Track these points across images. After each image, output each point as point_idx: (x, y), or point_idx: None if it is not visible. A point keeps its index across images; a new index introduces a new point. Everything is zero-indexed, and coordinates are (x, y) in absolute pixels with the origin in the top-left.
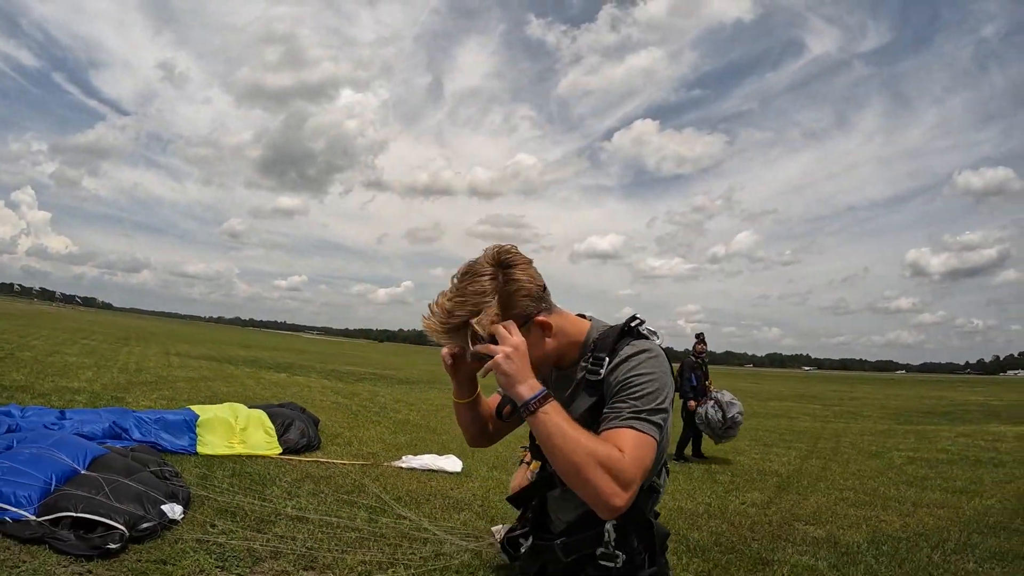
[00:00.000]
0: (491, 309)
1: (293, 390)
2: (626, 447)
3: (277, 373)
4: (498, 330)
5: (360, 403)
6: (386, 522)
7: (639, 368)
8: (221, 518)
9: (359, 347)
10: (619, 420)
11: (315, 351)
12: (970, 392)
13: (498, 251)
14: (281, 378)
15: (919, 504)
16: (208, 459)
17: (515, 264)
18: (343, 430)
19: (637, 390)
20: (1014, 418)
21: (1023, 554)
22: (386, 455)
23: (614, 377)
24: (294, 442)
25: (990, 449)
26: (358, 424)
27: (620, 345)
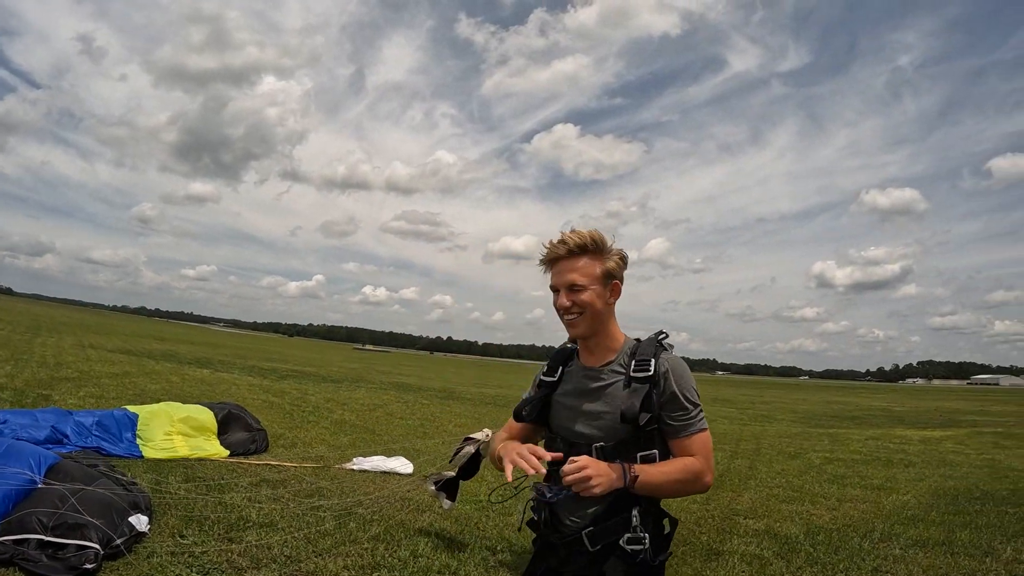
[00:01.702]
0: (609, 250)
1: (222, 388)
2: (700, 449)
3: (200, 369)
4: (571, 473)
5: (291, 402)
6: (355, 526)
7: (686, 377)
8: (188, 527)
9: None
10: (691, 429)
11: (229, 345)
12: (872, 398)
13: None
14: (206, 375)
15: (843, 499)
16: (155, 463)
17: (614, 246)
18: (283, 431)
19: (690, 396)
20: (916, 423)
21: (941, 541)
22: (335, 457)
23: (667, 384)
24: (242, 444)
25: (899, 451)
26: (296, 425)
27: (659, 353)
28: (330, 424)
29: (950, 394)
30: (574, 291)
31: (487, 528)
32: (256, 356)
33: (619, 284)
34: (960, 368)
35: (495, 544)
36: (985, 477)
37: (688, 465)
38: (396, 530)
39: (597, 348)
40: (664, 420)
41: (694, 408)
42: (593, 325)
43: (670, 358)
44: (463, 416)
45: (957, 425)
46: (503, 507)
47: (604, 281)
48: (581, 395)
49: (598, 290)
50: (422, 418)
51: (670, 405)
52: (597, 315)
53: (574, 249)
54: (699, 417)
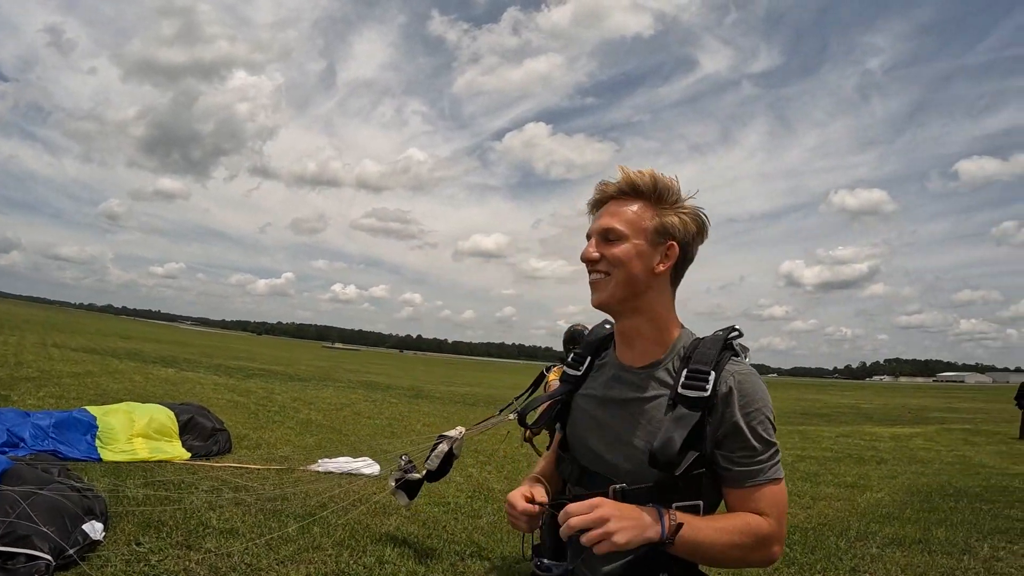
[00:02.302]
0: (674, 201)
1: (185, 387)
2: (771, 507)
3: (164, 368)
4: (580, 521)
5: (257, 402)
6: (319, 531)
7: (759, 402)
8: (145, 534)
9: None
10: (759, 478)
11: (197, 344)
12: (841, 396)
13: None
14: (170, 374)
15: (817, 498)
16: (114, 466)
17: (690, 202)
18: (247, 431)
19: (762, 431)
20: (886, 420)
21: (918, 539)
22: (300, 458)
23: (729, 411)
24: (204, 446)
25: (870, 448)
26: (260, 425)
27: (724, 361)
28: (296, 424)
29: (917, 391)
30: (607, 241)
31: (455, 532)
32: (223, 355)
33: (677, 247)
34: (926, 366)
35: (464, 549)
36: (957, 474)
37: (752, 526)
38: (361, 535)
39: (637, 338)
40: (721, 461)
41: (767, 449)
42: (623, 294)
43: (740, 371)
44: (432, 415)
45: (926, 422)
46: (471, 509)
47: (654, 237)
48: (609, 405)
49: (641, 247)
50: (390, 417)
51: (731, 441)
52: (632, 281)
53: (625, 188)
54: (773, 461)
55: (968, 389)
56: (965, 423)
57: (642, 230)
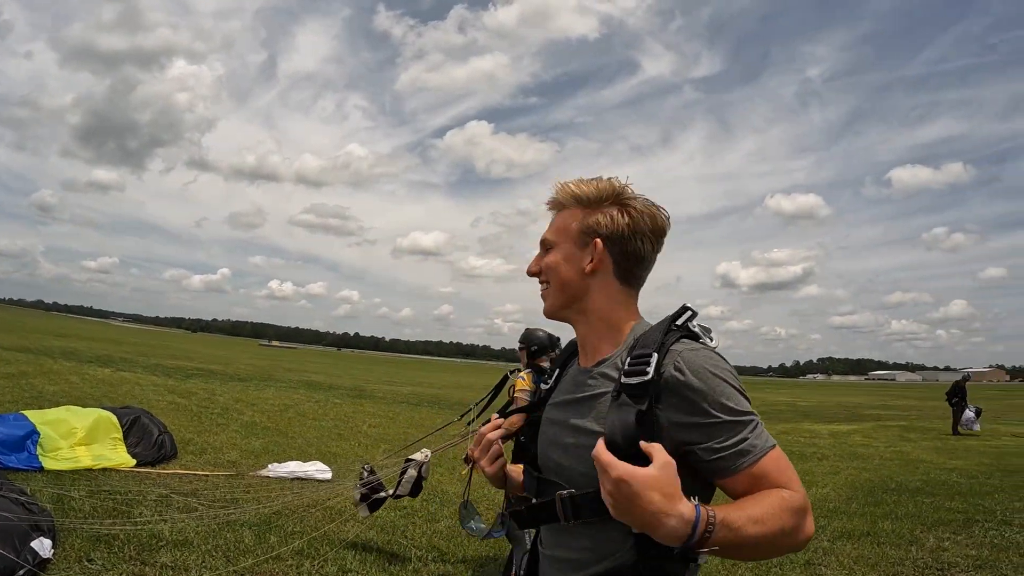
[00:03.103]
0: (605, 202)
1: (124, 388)
2: (783, 474)
3: (101, 368)
4: (603, 457)
5: (199, 403)
6: (276, 540)
7: (716, 370)
8: (96, 549)
9: (175, 338)
10: (753, 453)
11: (132, 342)
12: (777, 393)
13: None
14: (107, 374)
15: None
16: (57, 476)
17: (631, 199)
18: (192, 435)
19: (731, 402)
20: (822, 418)
21: (866, 532)
22: (248, 463)
23: (684, 394)
24: (149, 452)
25: (811, 445)
26: (204, 428)
27: (669, 341)
28: (240, 427)
29: (850, 389)
30: (545, 251)
31: (415, 536)
32: (160, 353)
33: (601, 244)
34: (859, 364)
35: (425, 553)
36: (897, 469)
37: (787, 500)
38: (320, 543)
39: (590, 340)
40: (700, 454)
41: (746, 419)
42: (562, 300)
43: (687, 351)
44: (377, 416)
45: (862, 419)
46: (429, 513)
47: (580, 239)
48: (561, 408)
49: (568, 250)
50: (335, 419)
51: (700, 426)
52: (565, 286)
53: (561, 200)
54: (759, 430)
55: (899, 387)
56: (900, 420)
57: (567, 234)
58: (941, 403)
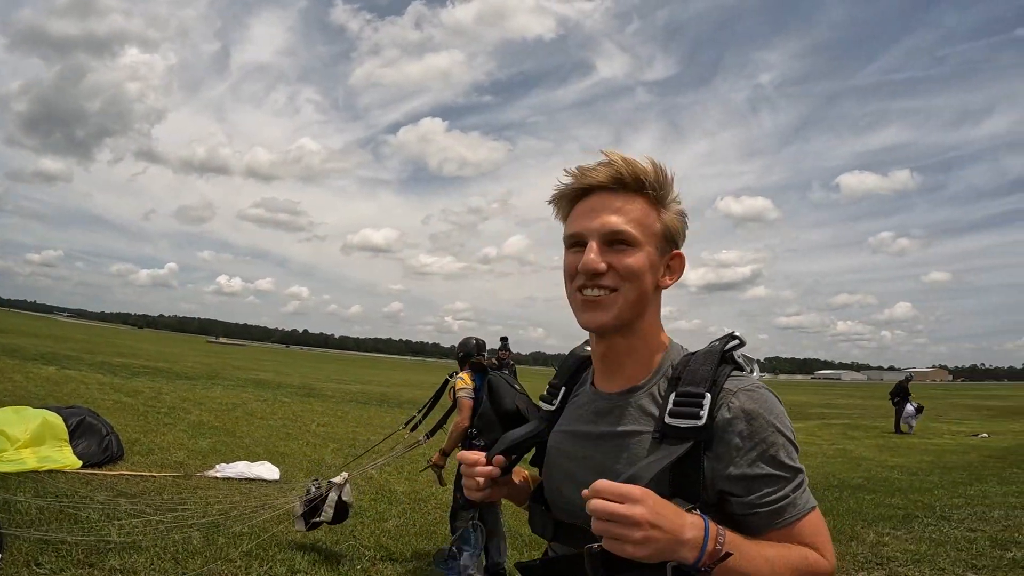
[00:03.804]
0: (674, 198)
1: (69, 387)
2: (818, 539)
3: (45, 366)
4: (605, 509)
5: (145, 403)
6: (224, 542)
7: (775, 419)
8: (44, 554)
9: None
10: (794, 510)
11: (77, 338)
12: None
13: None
14: (51, 372)
15: None
16: (2, 479)
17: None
18: (138, 435)
19: (785, 452)
20: None
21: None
22: (196, 464)
23: (739, 444)
24: (95, 453)
25: None
26: (151, 428)
27: (722, 378)
28: (188, 426)
29: (797, 388)
30: (615, 247)
31: (363, 536)
32: (105, 350)
33: (682, 259)
34: (805, 364)
35: (374, 553)
36: (839, 466)
37: (811, 561)
38: (268, 543)
39: (624, 362)
40: (737, 507)
41: (794, 476)
42: (631, 315)
43: (746, 390)
44: (326, 415)
45: (807, 418)
46: (376, 512)
47: (663, 245)
48: (582, 441)
49: (653, 256)
50: (284, 418)
51: (749, 479)
52: (642, 298)
53: (626, 178)
54: (803, 488)
55: (845, 386)
56: (844, 419)
57: (653, 234)
58: (884, 402)
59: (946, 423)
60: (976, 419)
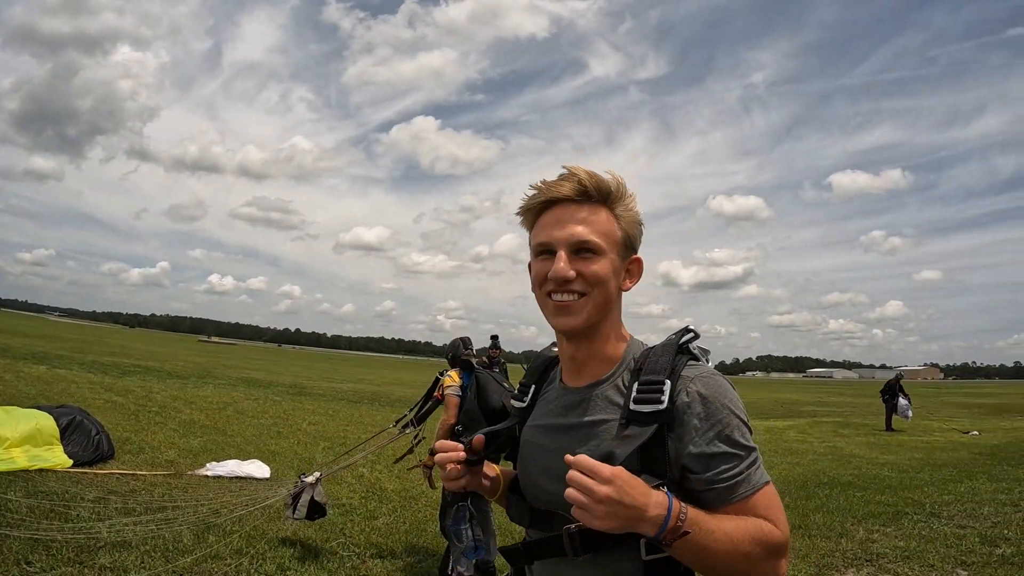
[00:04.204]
0: (631, 207)
1: (60, 386)
2: (771, 511)
3: (36, 365)
4: (579, 481)
5: (137, 402)
6: (213, 539)
7: (728, 401)
8: (35, 552)
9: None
10: (748, 485)
11: (67, 338)
12: None
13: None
14: (42, 372)
15: None
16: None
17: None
18: (129, 434)
19: (738, 436)
20: (759, 414)
21: (798, 525)
22: (187, 463)
23: (697, 424)
24: (86, 452)
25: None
26: (142, 427)
27: (680, 366)
28: (179, 425)
29: (788, 386)
30: (582, 255)
31: (353, 534)
32: (96, 350)
33: (640, 264)
34: (796, 362)
35: (363, 551)
36: (830, 463)
37: (765, 532)
38: (259, 541)
39: (589, 358)
40: (697, 484)
41: (748, 454)
42: (597, 317)
43: (702, 376)
44: (317, 413)
45: (798, 415)
46: (367, 510)
47: (624, 252)
48: (553, 433)
49: (616, 263)
50: (274, 416)
51: (707, 457)
52: (607, 302)
53: (590, 190)
54: (756, 465)
55: (836, 384)
56: (835, 416)
57: (615, 242)
58: (876, 400)
59: (937, 421)
60: (967, 416)
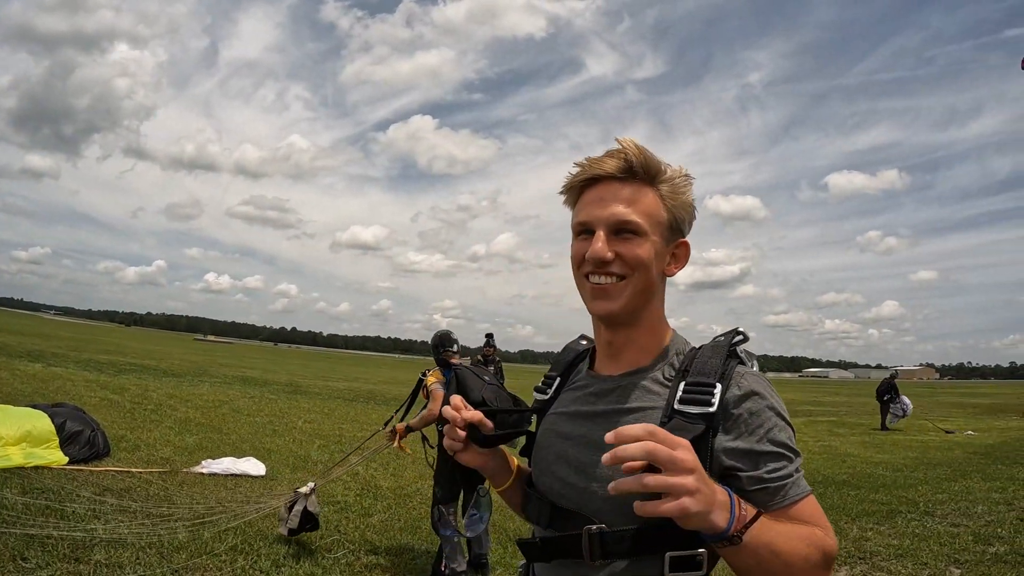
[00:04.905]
0: (682, 189)
1: (55, 384)
2: (821, 519)
3: (31, 363)
4: (664, 452)
5: (132, 400)
6: (209, 537)
7: (776, 403)
8: (30, 548)
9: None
10: (794, 492)
11: (64, 336)
12: None
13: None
14: (37, 370)
15: None
16: None
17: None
18: (124, 432)
19: (786, 434)
20: None
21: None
22: (182, 460)
23: (746, 424)
24: (82, 450)
25: None
26: (138, 425)
27: (730, 370)
28: (174, 423)
29: (784, 386)
30: (623, 236)
31: (348, 531)
32: (92, 348)
33: (688, 248)
34: (792, 362)
35: (358, 548)
36: (825, 462)
37: (819, 537)
38: (254, 539)
39: (628, 344)
40: (745, 483)
41: (795, 458)
42: (638, 303)
43: (752, 375)
44: (312, 412)
45: (793, 415)
46: (362, 507)
47: (669, 235)
48: (580, 420)
49: (659, 246)
50: (270, 414)
51: (754, 455)
52: (649, 287)
53: (635, 167)
54: (801, 472)
55: (832, 384)
56: (830, 416)
57: (660, 223)
58: (871, 400)
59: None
60: (961, 416)
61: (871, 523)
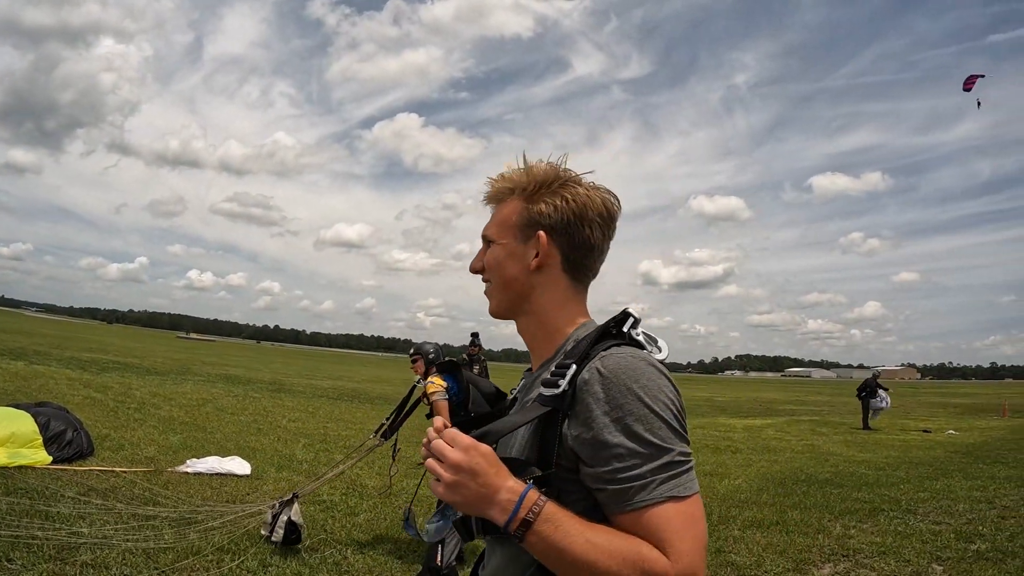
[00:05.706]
0: (552, 190)
1: (38, 383)
2: (667, 534)
3: (13, 361)
4: (437, 445)
5: (116, 398)
6: (195, 536)
7: (636, 388)
8: (15, 550)
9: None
10: (647, 494)
11: (45, 333)
12: (696, 389)
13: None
14: (19, 368)
15: None
16: None
17: (575, 183)
18: (108, 431)
19: (642, 425)
20: (738, 413)
21: (776, 521)
22: (167, 459)
23: (588, 411)
24: (65, 449)
25: (725, 439)
26: (121, 424)
27: (596, 352)
28: (158, 422)
29: (767, 385)
30: (487, 247)
31: (334, 530)
32: (74, 346)
33: (545, 237)
34: (775, 362)
35: (344, 546)
36: (807, 461)
37: (643, 556)
38: (241, 538)
39: (532, 341)
40: (590, 480)
41: (654, 454)
42: (507, 300)
43: (612, 355)
44: (296, 410)
45: (776, 414)
46: (347, 507)
47: (524, 232)
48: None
49: (510, 246)
50: (254, 413)
51: (596, 449)
52: (509, 284)
53: (499, 191)
54: (668, 472)
55: (814, 384)
56: (813, 415)
57: (510, 228)
58: (853, 399)
59: (914, 420)
60: (943, 416)
61: (854, 521)
